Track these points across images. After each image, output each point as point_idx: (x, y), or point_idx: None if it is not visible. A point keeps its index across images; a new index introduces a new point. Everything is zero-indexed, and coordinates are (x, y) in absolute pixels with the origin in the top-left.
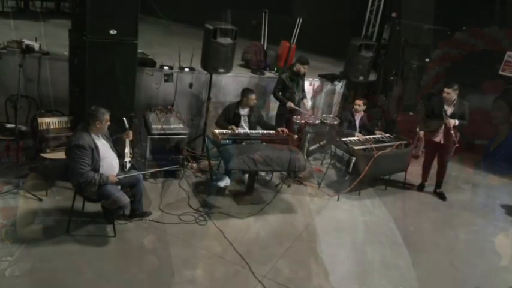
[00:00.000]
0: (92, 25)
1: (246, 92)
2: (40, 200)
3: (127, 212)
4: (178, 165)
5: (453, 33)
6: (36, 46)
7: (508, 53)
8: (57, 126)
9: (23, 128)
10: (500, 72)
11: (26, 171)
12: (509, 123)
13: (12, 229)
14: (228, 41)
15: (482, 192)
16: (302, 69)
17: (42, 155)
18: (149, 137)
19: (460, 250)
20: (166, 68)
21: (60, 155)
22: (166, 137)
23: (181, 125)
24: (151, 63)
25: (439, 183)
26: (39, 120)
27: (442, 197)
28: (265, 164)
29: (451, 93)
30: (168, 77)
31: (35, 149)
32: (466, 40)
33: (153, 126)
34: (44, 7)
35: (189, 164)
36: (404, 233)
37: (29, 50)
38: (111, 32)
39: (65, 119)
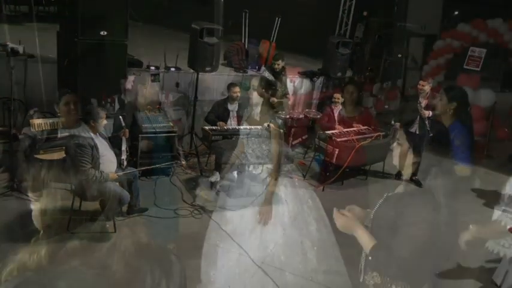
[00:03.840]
0: (83, 26)
1: (229, 85)
2: (36, 201)
3: (124, 208)
4: (173, 162)
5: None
6: (20, 49)
7: (472, 48)
8: (49, 128)
9: (14, 130)
10: (465, 66)
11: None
12: None
13: (12, 230)
14: (214, 40)
15: (454, 178)
16: (276, 65)
17: (36, 156)
18: (140, 135)
19: (439, 230)
20: (152, 68)
21: (54, 155)
22: (156, 135)
23: (170, 123)
24: (138, 64)
25: (415, 171)
26: (32, 121)
27: (418, 183)
28: (256, 157)
29: (426, 86)
30: (155, 77)
31: (28, 150)
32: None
33: (143, 125)
34: (18, 10)
35: (178, 161)
36: (387, 217)
37: (14, 52)
38: (101, 33)
39: (57, 120)
